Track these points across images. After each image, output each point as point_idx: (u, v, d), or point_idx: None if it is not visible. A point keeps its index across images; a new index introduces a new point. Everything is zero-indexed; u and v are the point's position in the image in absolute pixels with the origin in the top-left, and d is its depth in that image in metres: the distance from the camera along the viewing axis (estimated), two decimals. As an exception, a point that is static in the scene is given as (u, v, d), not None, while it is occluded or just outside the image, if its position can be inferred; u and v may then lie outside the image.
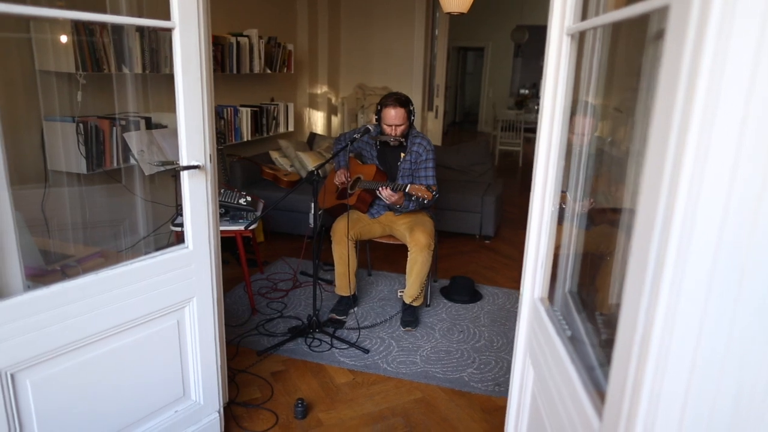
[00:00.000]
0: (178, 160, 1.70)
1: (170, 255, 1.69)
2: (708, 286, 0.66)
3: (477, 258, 4.22)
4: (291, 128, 5.51)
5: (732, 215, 0.63)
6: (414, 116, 3.01)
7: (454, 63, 13.74)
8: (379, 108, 2.97)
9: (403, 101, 2.90)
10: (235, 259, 3.94)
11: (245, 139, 4.72)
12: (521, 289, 1.52)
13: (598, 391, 1.11)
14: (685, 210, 0.64)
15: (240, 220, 3.04)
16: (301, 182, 2.72)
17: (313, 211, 2.73)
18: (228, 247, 3.88)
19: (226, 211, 3.13)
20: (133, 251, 2.96)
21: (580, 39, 1.46)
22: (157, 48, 3.55)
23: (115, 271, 1.56)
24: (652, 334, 0.71)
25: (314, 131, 6.31)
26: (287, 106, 5.46)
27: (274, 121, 5.25)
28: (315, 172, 2.66)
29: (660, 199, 0.68)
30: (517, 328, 1.52)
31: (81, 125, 2.96)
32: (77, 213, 2.81)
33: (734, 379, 0.69)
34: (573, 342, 1.35)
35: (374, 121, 3.06)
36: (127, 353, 1.66)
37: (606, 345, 1.44)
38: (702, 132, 0.62)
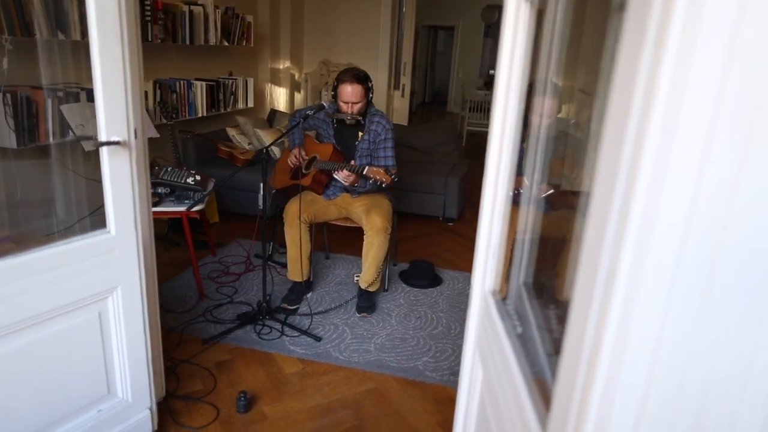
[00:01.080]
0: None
1: (88, 241, 1.52)
2: (671, 282, 0.55)
3: (439, 240, 4.13)
4: (251, 104, 5.28)
5: (704, 197, 0.52)
6: (373, 94, 2.86)
7: (425, 42, 13.53)
8: (335, 84, 2.81)
9: (361, 77, 2.75)
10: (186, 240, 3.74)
11: (200, 115, 4.49)
12: (472, 280, 1.41)
13: (545, 400, 1.01)
14: (648, 193, 0.53)
15: (186, 201, 2.85)
16: (250, 162, 2.54)
17: (262, 192, 2.57)
18: (179, 228, 3.69)
19: (171, 191, 2.94)
20: (65, 235, 2.74)
21: (541, 12, 1.33)
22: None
23: (20, 259, 1.39)
24: (602, 347, 0.60)
25: (276, 108, 6.08)
26: (246, 81, 5.22)
27: (232, 97, 5.01)
28: (264, 151, 2.50)
29: (618, 179, 0.56)
30: (467, 322, 1.42)
31: (8, 95, 2.71)
32: (2, 192, 2.58)
33: (699, 388, 0.59)
34: (523, 341, 1.25)
35: (331, 97, 2.89)
36: (40, 349, 1.50)
37: (557, 344, 1.35)
38: (669, 105, 0.50)
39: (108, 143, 1.50)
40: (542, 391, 1.03)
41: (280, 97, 6.24)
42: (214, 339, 2.58)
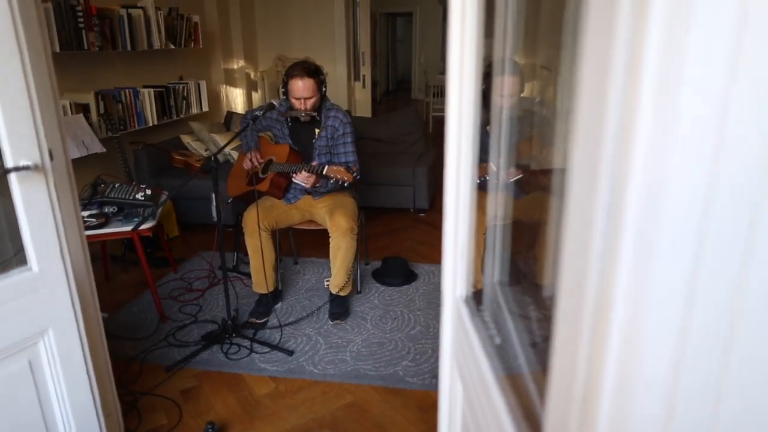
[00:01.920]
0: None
1: (5, 282, 1.34)
2: (697, 247, 0.41)
3: (412, 234, 3.99)
4: (205, 108, 5.05)
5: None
6: (326, 87, 2.69)
7: (384, 30, 13.32)
8: (285, 80, 2.63)
9: (312, 70, 2.57)
10: (147, 258, 3.53)
11: (151, 124, 4.25)
12: (442, 286, 1.27)
13: (532, 423, 0.88)
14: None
15: (135, 219, 2.65)
16: (198, 171, 2.35)
17: (215, 203, 2.39)
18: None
19: (119, 209, 2.73)
20: None
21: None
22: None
23: None
24: (606, 350, 0.46)
25: (233, 110, 5.85)
26: (199, 85, 4.99)
27: (184, 102, 4.78)
28: (212, 159, 2.32)
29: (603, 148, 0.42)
30: (441, 334, 1.28)
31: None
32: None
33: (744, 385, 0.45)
34: (503, 352, 1.12)
35: (281, 95, 2.72)
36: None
37: (543, 354, 1.22)
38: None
39: (15, 169, 1.31)
40: (528, 413, 0.90)
41: (236, 99, 6.01)
42: (178, 365, 2.40)
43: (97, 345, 1.70)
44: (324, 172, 2.52)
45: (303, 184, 2.66)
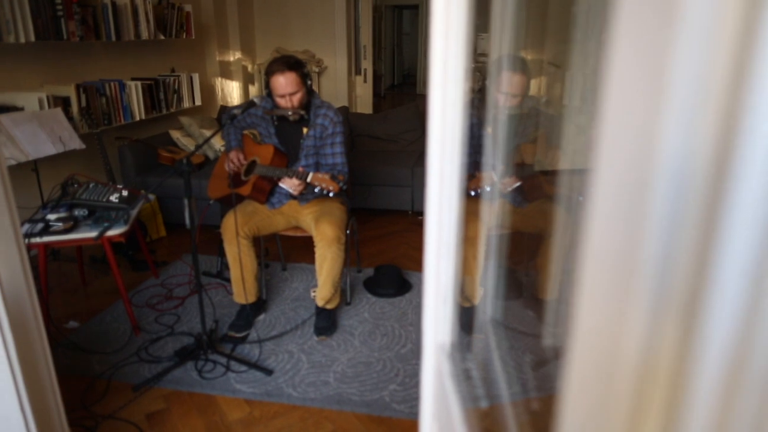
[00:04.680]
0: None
1: None
2: None
3: (408, 238, 3.79)
4: (198, 102, 4.85)
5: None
6: (310, 80, 2.48)
7: (390, 23, 13.06)
8: (266, 80, 2.43)
9: (292, 64, 2.37)
10: (129, 262, 3.36)
11: (138, 119, 4.06)
12: (422, 332, 1.06)
13: None
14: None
15: (106, 223, 2.46)
16: (170, 174, 2.16)
17: (187, 209, 2.19)
18: (118, 248, 3.29)
19: (91, 212, 2.54)
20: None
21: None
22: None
23: None
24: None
25: (229, 104, 5.65)
26: (192, 77, 4.79)
27: (175, 96, 4.58)
28: (184, 161, 2.12)
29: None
30: (421, 385, 1.08)
31: None
32: None
33: None
34: (490, 419, 0.91)
35: (265, 94, 2.51)
36: None
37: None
38: None
39: None
40: None
41: (232, 92, 5.81)
42: (147, 383, 2.21)
43: (42, 374, 1.51)
44: (308, 180, 2.32)
45: (290, 190, 2.46)
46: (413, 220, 4.13)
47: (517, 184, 2.35)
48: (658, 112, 0.26)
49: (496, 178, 2.20)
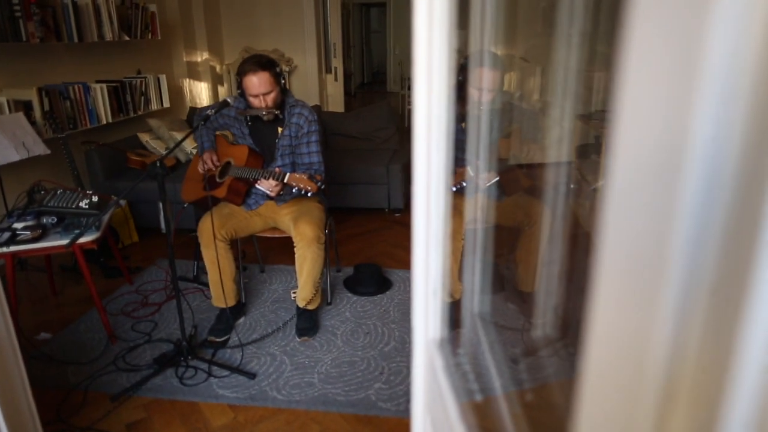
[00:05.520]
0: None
1: None
2: None
3: (386, 236, 3.78)
4: (166, 104, 4.75)
5: None
6: (284, 80, 2.45)
7: (357, 21, 13.02)
8: (239, 80, 2.38)
9: (265, 63, 2.33)
10: (101, 269, 3.27)
11: (105, 122, 3.95)
12: (412, 328, 1.06)
13: None
14: None
15: (77, 231, 2.38)
16: (143, 178, 2.10)
17: (163, 213, 2.14)
18: (90, 254, 3.20)
19: (60, 219, 2.46)
20: None
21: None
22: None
23: None
24: None
25: (198, 105, 5.55)
26: (159, 79, 4.68)
27: (142, 98, 4.48)
28: (157, 164, 2.06)
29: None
30: (412, 379, 1.07)
31: None
32: None
33: None
34: (485, 410, 0.91)
35: (238, 95, 2.47)
36: None
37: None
38: None
39: None
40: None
41: (201, 93, 5.71)
42: (126, 393, 2.15)
43: (18, 394, 1.45)
44: (285, 181, 2.29)
45: (267, 192, 2.43)
46: (390, 217, 4.13)
47: (496, 179, 2.37)
48: (690, 93, 0.25)
49: (473, 174, 2.21)
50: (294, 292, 2.67)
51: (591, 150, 3.11)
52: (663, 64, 0.27)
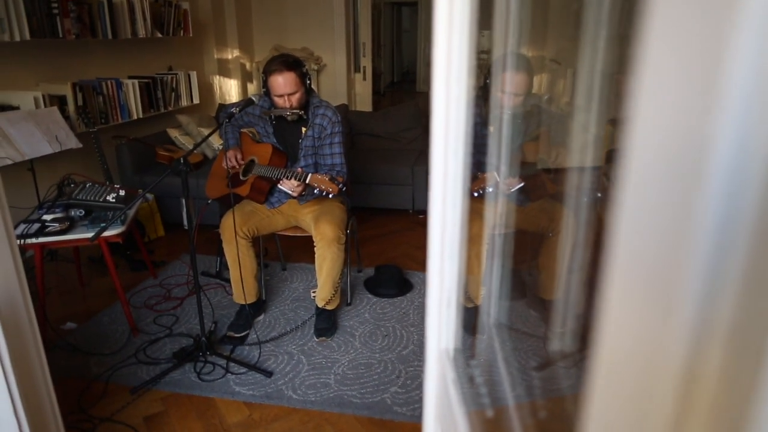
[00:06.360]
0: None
1: None
2: None
3: (409, 237, 3.76)
4: (196, 101, 4.82)
5: None
6: (310, 80, 2.45)
7: (389, 20, 13.01)
8: (264, 79, 2.39)
9: (291, 63, 2.33)
10: (127, 262, 3.33)
11: (135, 117, 4.02)
12: (426, 337, 1.03)
13: None
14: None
15: (103, 224, 2.43)
16: (166, 174, 2.13)
17: (185, 210, 2.16)
18: (116, 248, 3.26)
19: (88, 212, 2.51)
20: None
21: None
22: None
23: None
24: None
25: (227, 102, 5.61)
26: (189, 76, 4.75)
27: (173, 94, 4.54)
28: (182, 161, 2.09)
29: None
30: (424, 391, 1.05)
31: None
32: None
33: None
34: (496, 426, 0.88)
35: (263, 93, 2.47)
36: None
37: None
38: None
39: None
40: None
41: (231, 90, 5.77)
42: (145, 386, 2.18)
43: (39, 383, 1.48)
44: (308, 181, 2.29)
45: (289, 192, 2.43)
46: (414, 219, 4.10)
47: (521, 184, 2.32)
48: (712, 97, 0.23)
49: (499, 179, 2.17)
50: (314, 292, 2.67)
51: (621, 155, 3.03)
52: (685, 63, 0.24)
